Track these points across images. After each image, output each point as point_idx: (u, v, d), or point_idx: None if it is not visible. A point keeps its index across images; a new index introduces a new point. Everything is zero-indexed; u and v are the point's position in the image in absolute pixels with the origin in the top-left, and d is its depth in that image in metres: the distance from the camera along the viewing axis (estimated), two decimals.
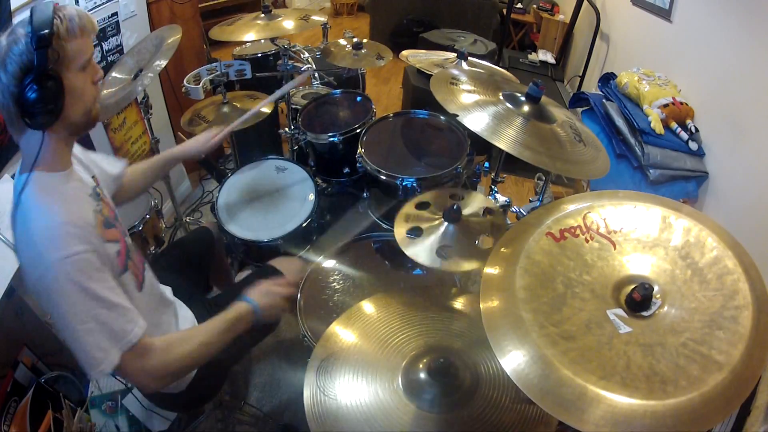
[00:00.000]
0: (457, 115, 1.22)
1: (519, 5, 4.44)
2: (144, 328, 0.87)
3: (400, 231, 1.22)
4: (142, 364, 0.86)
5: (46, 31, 0.77)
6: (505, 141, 1.15)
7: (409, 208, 1.32)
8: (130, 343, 0.84)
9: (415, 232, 1.23)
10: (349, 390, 0.95)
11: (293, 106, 2.14)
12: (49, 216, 0.81)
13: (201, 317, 1.20)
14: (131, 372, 0.86)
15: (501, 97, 1.31)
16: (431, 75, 1.41)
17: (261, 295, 1.09)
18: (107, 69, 1.82)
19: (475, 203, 1.32)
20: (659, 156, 1.89)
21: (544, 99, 1.34)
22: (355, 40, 2.07)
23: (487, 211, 1.29)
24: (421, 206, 1.32)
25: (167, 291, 1.21)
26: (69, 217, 0.82)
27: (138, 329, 0.85)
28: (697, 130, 1.92)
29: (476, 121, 1.20)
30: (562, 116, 1.34)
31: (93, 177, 1.00)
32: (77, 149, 1.00)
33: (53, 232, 0.79)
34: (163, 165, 1.37)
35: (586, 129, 1.38)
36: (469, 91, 1.32)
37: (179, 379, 1.01)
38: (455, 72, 1.45)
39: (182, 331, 1.11)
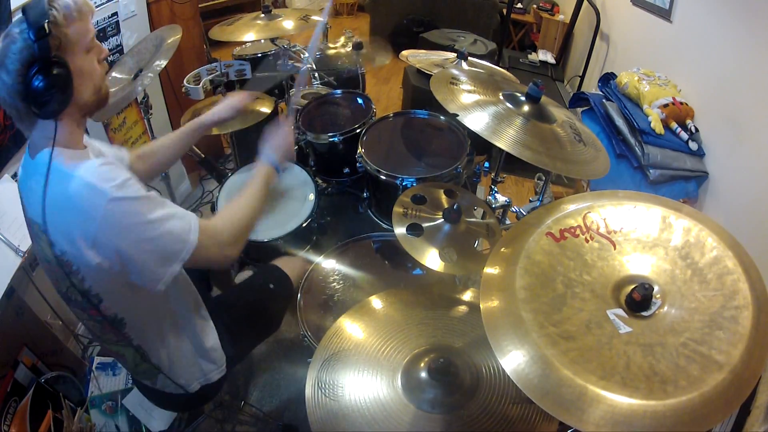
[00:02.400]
0: (457, 115, 1.22)
1: (519, 5, 4.43)
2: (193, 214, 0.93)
3: (399, 228, 1.23)
4: (215, 238, 0.94)
5: (44, 21, 0.77)
6: (505, 141, 1.15)
7: (405, 198, 1.32)
8: (197, 225, 0.90)
9: (416, 230, 1.23)
10: (350, 390, 0.95)
11: (293, 106, 2.13)
12: (91, 163, 0.84)
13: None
14: (209, 247, 0.92)
15: (501, 97, 1.31)
16: (431, 75, 1.41)
17: (273, 149, 1.20)
18: (107, 69, 1.82)
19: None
20: (659, 156, 1.89)
21: (544, 99, 1.34)
22: (355, 39, 2.06)
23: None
24: (416, 200, 1.33)
25: None
26: (108, 161, 0.87)
27: (192, 215, 0.92)
28: (697, 130, 1.92)
29: (476, 121, 1.20)
30: (562, 116, 1.34)
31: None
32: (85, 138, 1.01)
33: (103, 169, 0.82)
34: (192, 134, 1.36)
35: (586, 129, 1.38)
36: (469, 91, 1.32)
37: (245, 242, 1.06)
38: (455, 72, 1.45)
39: (228, 203, 1.14)
